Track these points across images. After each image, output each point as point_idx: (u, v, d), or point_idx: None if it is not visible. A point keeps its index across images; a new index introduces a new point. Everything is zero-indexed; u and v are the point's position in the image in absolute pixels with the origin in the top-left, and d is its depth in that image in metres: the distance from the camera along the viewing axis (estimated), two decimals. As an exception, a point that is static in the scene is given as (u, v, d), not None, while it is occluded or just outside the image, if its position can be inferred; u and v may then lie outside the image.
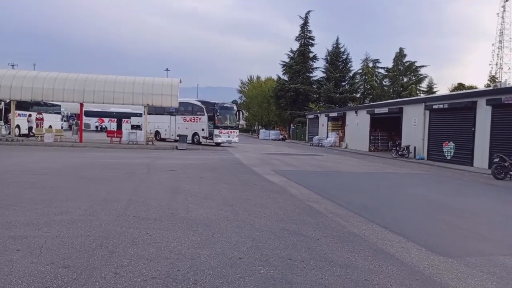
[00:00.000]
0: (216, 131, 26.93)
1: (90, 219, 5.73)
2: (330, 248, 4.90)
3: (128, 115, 46.52)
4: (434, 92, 45.68)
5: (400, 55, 48.73)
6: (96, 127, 47.44)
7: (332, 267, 4.19)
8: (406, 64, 48.46)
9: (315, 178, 12.44)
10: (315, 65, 53.31)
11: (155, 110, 31.70)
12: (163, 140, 31.25)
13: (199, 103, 29.17)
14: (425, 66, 48.28)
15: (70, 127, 44.47)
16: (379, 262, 4.43)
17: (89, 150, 19.65)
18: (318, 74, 53.62)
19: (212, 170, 13.00)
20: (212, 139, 27.07)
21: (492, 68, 67.09)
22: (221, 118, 27.63)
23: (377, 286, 3.73)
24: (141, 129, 31.26)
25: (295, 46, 53.49)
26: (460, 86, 49.11)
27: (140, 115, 44.96)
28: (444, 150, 20.97)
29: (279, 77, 55.41)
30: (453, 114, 20.60)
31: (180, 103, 30.04)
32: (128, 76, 24.25)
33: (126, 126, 44.07)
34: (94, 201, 7.00)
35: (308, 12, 52.70)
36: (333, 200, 8.30)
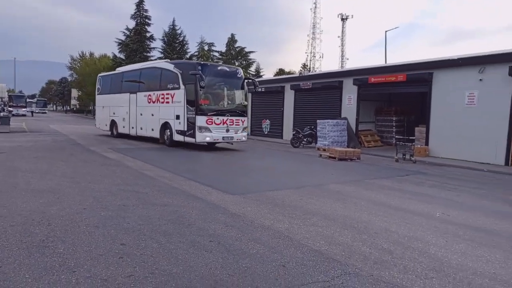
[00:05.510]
0: (199, 120, 14.23)
1: None
2: (155, 197, 6.74)
3: None
4: (261, 76, 51.98)
5: (232, 40, 53.30)
6: None
7: (154, 206, 6.05)
8: (237, 49, 53.36)
9: (150, 153, 13.99)
10: (152, 45, 53.10)
11: (110, 87, 20.23)
12: (121, 136, 19.61)
13: (171, 67, 15.79)
14: (254, 51, 54.36)
15: None
16: (188, 201, 6.51)
17: None
18: (156, 55, 53.66)
19: (47, 151, 13.13)
20: (192, 135, 14.44)
21: (307, 56, 79.25)
22: (212, 93, 14.81)
23: (183, 213, 5.77)
24: None
25: (132, 24, 52.17)
26: (281, 71, 57.00)
27: None
28: (263, 126, 25.23)
29: (115, 55, 53.30)
30: (269, 97, 24.87)
31: (142, 70, 18.26)
32: None
33: None
34: None
35: (144, -10, 51.77)
36: (163, 168, 10.14)
